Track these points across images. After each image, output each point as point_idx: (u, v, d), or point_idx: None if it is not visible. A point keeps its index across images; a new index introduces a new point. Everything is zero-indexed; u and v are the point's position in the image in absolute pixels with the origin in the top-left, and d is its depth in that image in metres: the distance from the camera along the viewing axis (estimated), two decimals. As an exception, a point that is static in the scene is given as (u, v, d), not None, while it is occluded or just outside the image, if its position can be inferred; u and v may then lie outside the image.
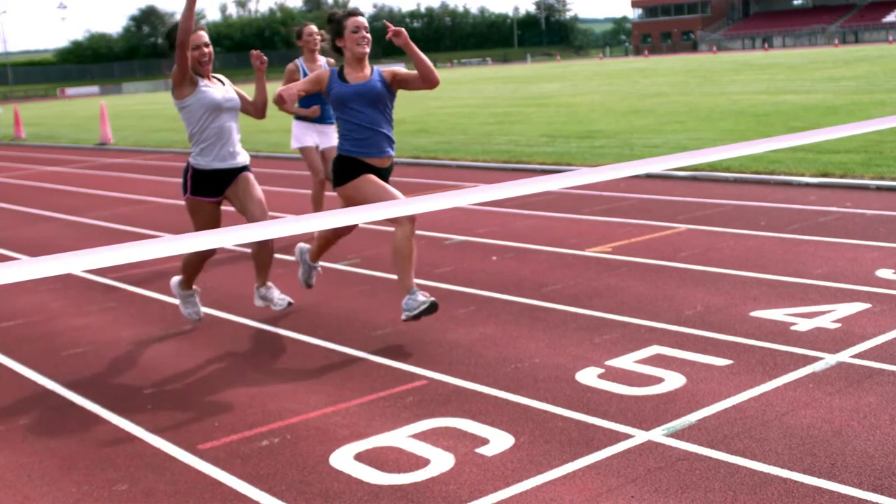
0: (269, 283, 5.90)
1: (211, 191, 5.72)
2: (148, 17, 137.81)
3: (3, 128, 32.34)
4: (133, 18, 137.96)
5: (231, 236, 2.30)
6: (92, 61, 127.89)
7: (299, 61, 8.41)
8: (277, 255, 8.18)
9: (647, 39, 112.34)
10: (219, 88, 5.63)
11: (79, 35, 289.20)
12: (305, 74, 8.23)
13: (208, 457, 4.04)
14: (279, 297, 5.86)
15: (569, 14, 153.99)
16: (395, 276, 7.07)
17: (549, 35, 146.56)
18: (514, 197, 10.14)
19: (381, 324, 5.87)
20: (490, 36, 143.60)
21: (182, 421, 4.48)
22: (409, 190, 11.19)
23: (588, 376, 4.70)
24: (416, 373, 4.92)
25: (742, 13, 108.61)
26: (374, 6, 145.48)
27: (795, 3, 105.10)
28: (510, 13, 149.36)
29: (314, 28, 8.54)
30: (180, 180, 6.00)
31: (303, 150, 8.70)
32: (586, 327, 5.52)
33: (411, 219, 5.35)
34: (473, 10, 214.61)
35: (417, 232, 8.77)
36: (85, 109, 47.43)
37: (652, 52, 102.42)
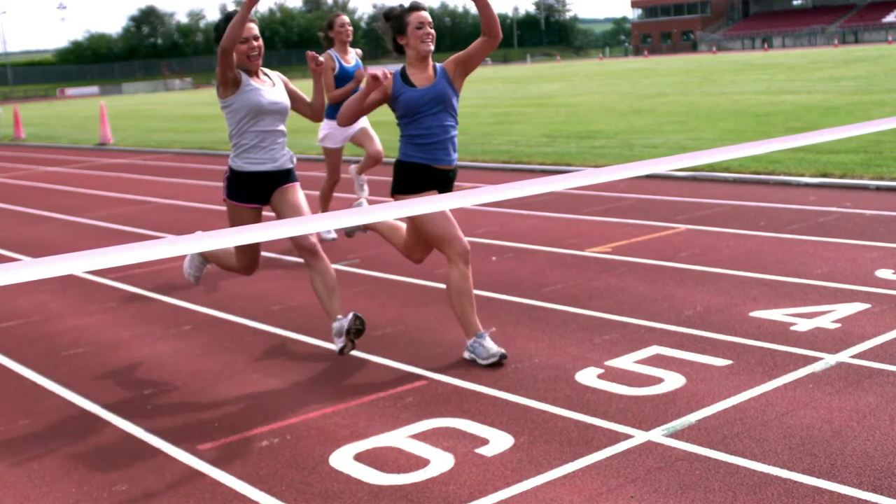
0: (339, 315, 5.13)
1: (250, 196, 5.23)
2: (148, 17, 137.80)
3: (2, 128, 32.34)
4: (133, 19, 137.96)
5: (233, 238, 2.30)
6: (92, 62, 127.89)
7: (332, 52, 8.14)
8: (282, 256, 8.18)
9: (646, 40, 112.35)
10: (266, 89, 5.16)
11: (78, 35, 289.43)
12: (341, 65, 8.06)
13: (208, 457, 4.04)
14: (344, 325, 5.08)
15: (568, 14, 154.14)
16: (396, 277, 7.08)
17: (549, 35, 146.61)
18: (513, 197, 10.13)
19: (381, 324, 5.87)
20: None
21: (182, 421, 4.49)
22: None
23: (588, 376, 4.70)
24: (416, 373, 4.92)
25: (742, 13, 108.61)
26: (374, 6, 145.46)
27: (795, 3, 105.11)
28: (510, 13, 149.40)
29: (346, 19, 8.30)
30: (180, 180, 6.00)
31: (328, 150, 8.48)
32: (586, 327, 5.52)
33: (466, 259, 5.01)
34: (473, 10, 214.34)
35: (417, 232, 8.78)
36: (85, 110, 47.43)
37: (652, 52, 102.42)
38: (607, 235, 8.13)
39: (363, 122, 8.41)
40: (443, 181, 5.13)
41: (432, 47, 5.05)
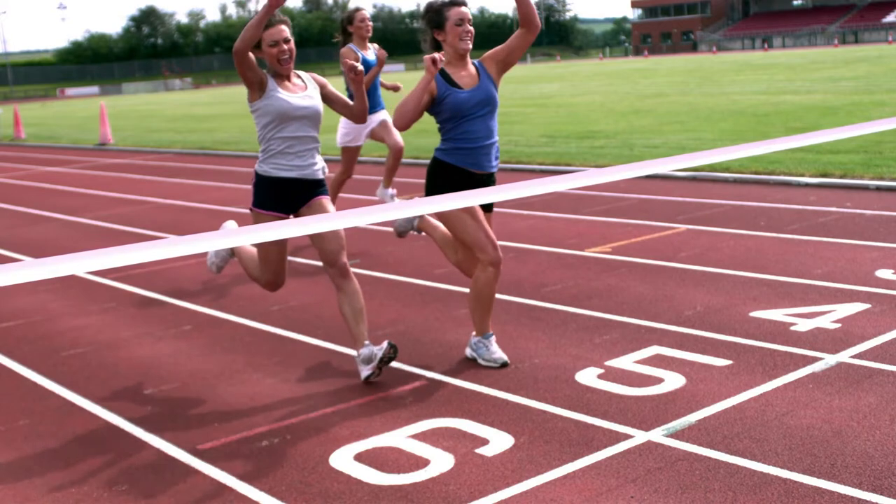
0: (366, 342, 4.91)
1: (276, 205, 4.90)
2: (148, 17, 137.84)
3: (2, 128, 32.34)
4: (133, 19, 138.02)
5: (240, 238, 2.30)
6: (92, 62, 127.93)
7: (352, 46, 8.01)
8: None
9: (646, 40, 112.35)
10: (294, 93, 4.87)
11: (78, 35, 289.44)
12: (365, 60, 7.92)
13: (208, 457, 4.04)
14: (371, 352, 4.83)
15: (569, 14, 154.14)
16: (396, 277, 7.08)
17: (549, 35, 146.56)
18: (515, 198, 10.14)
19: (381, 324, 5.86)
20: (490, 36, 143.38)
21: (182, 421, 4.49)
22: (410, 190, 11.19)
23: (588, 376, 4.70)
24: (416, 373, 4.92)
25: (742, 13, 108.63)
26: (374, 6, 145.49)
27: (795, 3, 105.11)
28: (510, 13, 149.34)
29: (366, 13, 8.13)
30: (180, 180, 5.98)
31: (348, 149, 8.31)
32: (586, 327, 5.52)
33: (497, 265, 4.87)
34: (473, 10, 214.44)
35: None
36: (85, 110, 47.43)
37: (652, 52, 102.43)
38: (607, 235, 8.13)
39: (383, 114, 8.32)
40: (482, 186, 4.85)
41: (471, 46, 4.81)
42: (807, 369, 4.59)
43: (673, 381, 4.55)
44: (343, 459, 3.92)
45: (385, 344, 4.76)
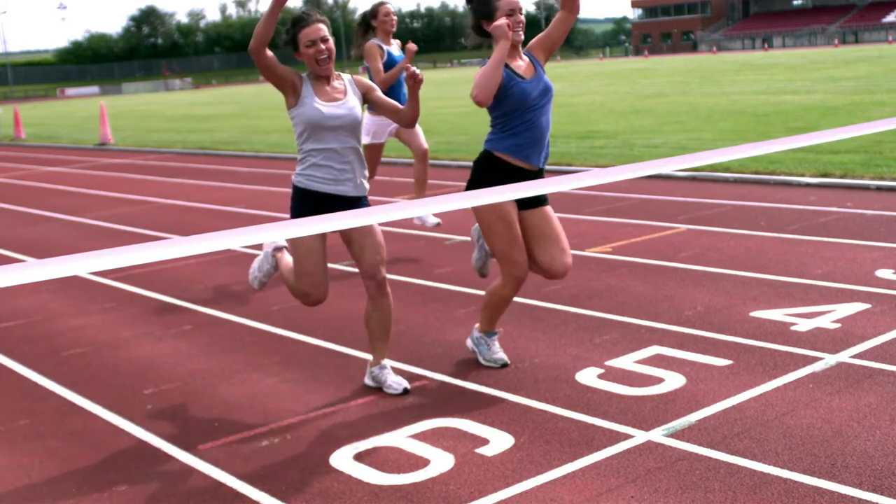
0: (385, 362, 4.77)
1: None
2: (148, 17, 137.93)
3: (2, 128, 32.34)
4: (133, 19, 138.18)
5: (241, 238, 2.29)
6: (92, 62, 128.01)
7: (377, 41, 7.69)
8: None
9: (647, 40, 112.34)
10: (334, 100, 4.55)
11: (79, 35, 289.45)
12: (390, 55, 7.67)
13: (208, 457, 4.04)
14: (394, 381, 4.69)
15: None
16: (396, 277, 7.08)
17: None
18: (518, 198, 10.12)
19: (381, 324, 5.85)
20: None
21: (182, 421, 4.49)
22: (410, 190, 11.18)
23: (588, 376, 4.70)
24: (416, 373, 4.92)
25: (742, 13, 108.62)
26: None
27: (795, 3, 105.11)
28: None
29: (390, 7, 7.82)
30: (180, 180, 5.97)
31: (371, 146, 7.95)
32: (586, 327, 5.52)
33: (519, 284, 4.77)
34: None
35: (418, 233, 8.78)
36: (85, 110, 47.44)
37: (652, 52, 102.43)
38: (608, 235, 8.13)
39: None
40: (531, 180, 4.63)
41: (522, 36, 4.63)
42: (807, 369, 4.59)
43: (673, 381, 4.55)
44: (343, 459, 3.92)
45: (401, 388, 4.64)
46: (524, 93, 4.54)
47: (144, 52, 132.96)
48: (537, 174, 4.73)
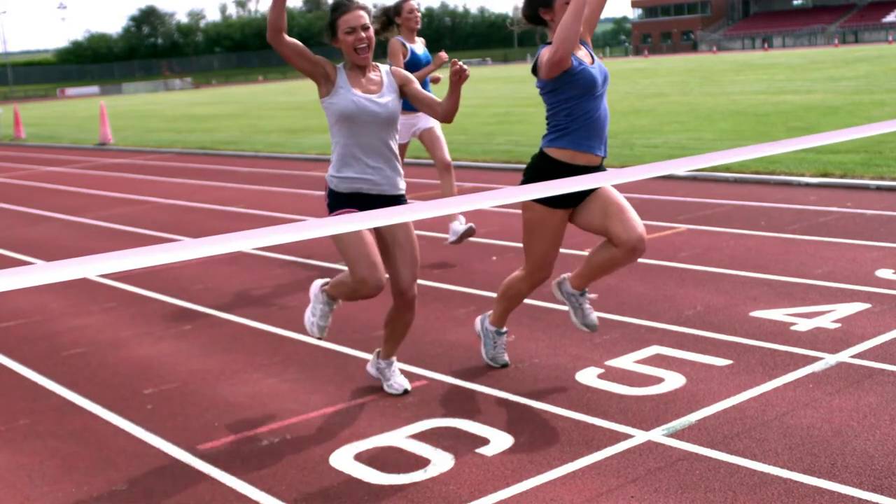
0: (394, 360, 4.75)
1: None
2: (148, 17, 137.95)
3: (3, 128, 32.35)
4: (133, 19, 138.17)
5: (249, 241, 2.28)
6: (92, 61, 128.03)
7: (400, 38, 7.56)
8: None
9: (647, 39, 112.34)
10: (370, 92, 4.38)
11: (79, 35, 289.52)
12: (414, 53, 7.58)
13: (208, 457, 4.04)
14: (397, 381, 4.67)
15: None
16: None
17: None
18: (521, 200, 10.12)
19: (382, 324, 5.85)
20: (490, 36, 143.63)
21: (182, 421, 4.49)
22: (411, 190, 11.17)
23: (588, 376, 4.70)
24: (416, 373, 4.92)
25: (742, 13, 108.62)
26: (375, 6, 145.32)
27: (795, 3, 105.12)
28: (510, 13, 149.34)
29: (414, 4, 7.67)
30: (180, 180, 5.97)
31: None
32: (586, 327, 5.52)
33: (537, 284, 4.71)
34: (473, 10, 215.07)
35: (418, 232, 8.78)
36: (85, 110, 47.44)
37: (652, 52, 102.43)
38: (607, 235, 8.12)
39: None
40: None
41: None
42: (807, 369, 4.59)
43: (673, 380, 4.55)
44: (343, 459, 3.92)
45: (402, 390, 4.62)
46: (591, 77, 4.33)
47: (144, 52, 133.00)
48: (598, 169, 4.52)
